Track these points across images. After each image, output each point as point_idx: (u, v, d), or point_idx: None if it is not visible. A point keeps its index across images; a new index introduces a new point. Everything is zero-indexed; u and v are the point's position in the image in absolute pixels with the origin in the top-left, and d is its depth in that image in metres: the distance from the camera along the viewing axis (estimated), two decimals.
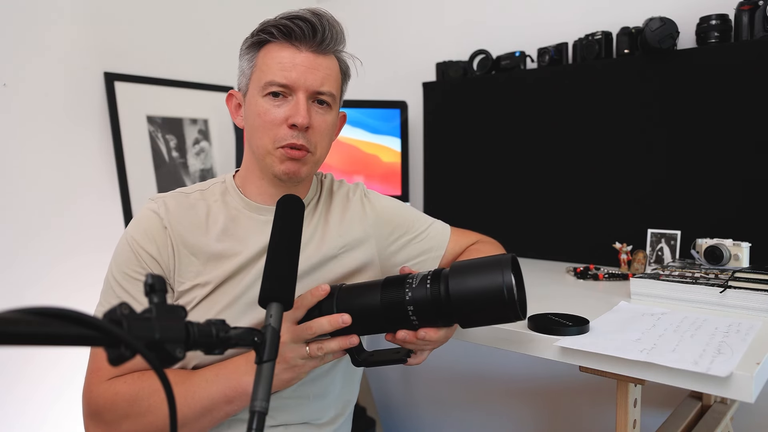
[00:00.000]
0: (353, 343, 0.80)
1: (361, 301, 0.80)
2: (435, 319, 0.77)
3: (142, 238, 0.91)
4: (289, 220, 0.77)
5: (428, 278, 0.77)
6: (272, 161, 0.92)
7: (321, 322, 0.78)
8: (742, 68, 1.38)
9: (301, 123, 0.89)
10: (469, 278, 0.74)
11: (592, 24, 1.71)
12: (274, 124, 0.90)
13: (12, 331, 0.38)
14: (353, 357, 0.85)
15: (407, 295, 0.77)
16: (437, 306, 0.76)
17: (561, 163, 1.70)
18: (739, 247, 1.29)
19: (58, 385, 1.61)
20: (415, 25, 2.18)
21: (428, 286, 0.76)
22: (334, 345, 0.80)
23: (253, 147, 0.94)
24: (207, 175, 1.97)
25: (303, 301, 0.81)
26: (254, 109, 0.92)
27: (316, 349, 0.80)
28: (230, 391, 0.82)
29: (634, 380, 0.90)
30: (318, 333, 0.78)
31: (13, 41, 1.51)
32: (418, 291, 0.76)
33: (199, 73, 1.98)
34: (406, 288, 0.77)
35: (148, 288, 0.52)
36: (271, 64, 0.90)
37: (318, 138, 0.93)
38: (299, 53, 0.90)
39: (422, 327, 0.79)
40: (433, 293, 0.76)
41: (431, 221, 1.12)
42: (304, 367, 0.81)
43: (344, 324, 0.78)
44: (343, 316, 0.78)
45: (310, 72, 0.90)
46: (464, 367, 2.10)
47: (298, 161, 0.92)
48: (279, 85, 0.90)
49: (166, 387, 0.48)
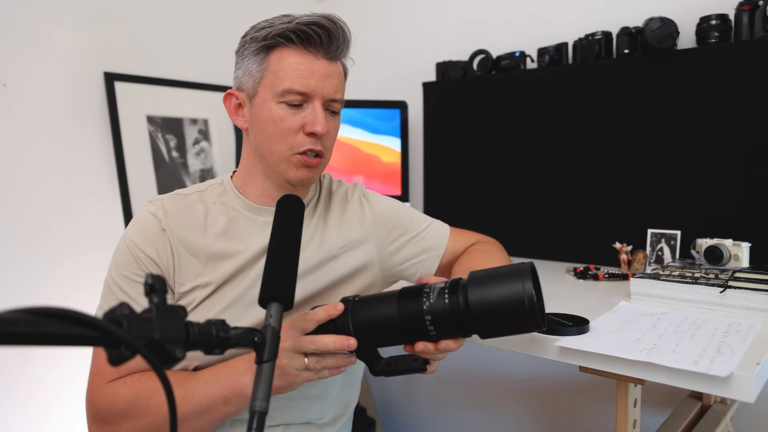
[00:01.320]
0: (351, 362, 0.79)
1: (376, 313, 0.78)
2: (454, 329, 0.76)
3: (140, 240, 0.91)
4: (289, 220, 0.77)
5: (446, 290, 0.75)
6: (287, 167, 0.92)
7: (326, 341, 0.77)
8: (742, 68, 1.38)
9: (321, 131, 0.89)
10: (488, 289, 0.73)
11: (592, 24, 1.71)
12: (291, 131, 0.90)
13: (12, 331, 0.38)
14: (371, 368, 0.83)
15: (425, 307, 0.75)
16: (457, 317, 0.74)
17: (561, 163, 1.70)
18: (739, 247, 1.29)
19: (58, 385, 1.61)
20: (416, 25, 2.18)
21: (446, 298, 0.74)
22: (332, 362, 0.78)
23: (264, 152, 0.93)
24: (207, 175, 1.97)
25: (316, 315, 0.78)
26: (268, 115, 0.91)
27: (314, 362, 0.78)
28: (228, 392, 0.82)
29: (634, 380, 0.90)
30: (320, 350, 0.77)
31: (13, 41, 1.52)
32: (437, 303, 0.75)
33: (199, 73, 1.98)
34: (423, 299, 0.76)
35: (148, 288, 0.51)
36: (288, 70, 0.89)
37: (329, 143, 0.95)
38: (317, 61, 0.90)
39: (440, 338, 0.77)
40: (452, 305, 0.74)
41: (430, 221, 1.12)
42: (298, 377, 0.79)
43: (349, 348, 0.77)
44: (350, 340, 0.76)
45: (327, 80, 0.91)
46: (464, 367, 2.10)
47: (313, 168, 0.93)
48: (298, 92, 0.89)
49: (165, 387, 0.48)
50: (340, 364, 0.79)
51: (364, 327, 0.78)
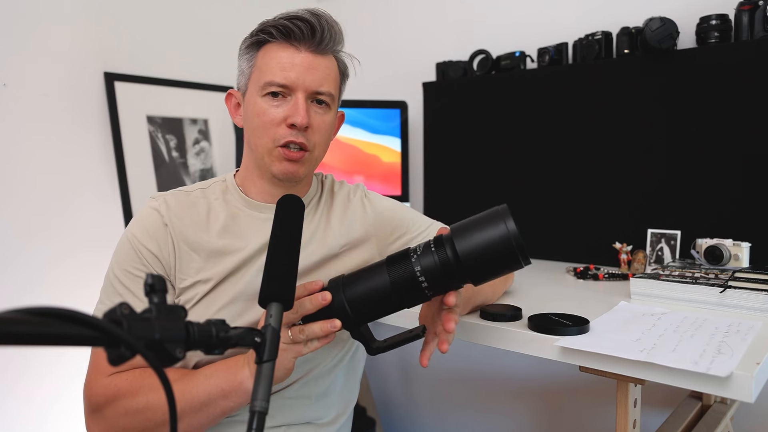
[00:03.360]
0: (335, 326, 0.77)
1: (368, 284, 0.78)
2: (447, 283, 0.77)
3: (143, 235, 0.91)
4: (289, 220, 0.77)
5: (431, 245, 0.77)
6: (270, 161, 0.92)
7: (302, 301, 0.77)
8: (742, 68, 1.38)
9: (300, 123, 0.89)
10: (474, 235, 0.75)
11: (592, 24, 1.71)
12: (273, 123, 0.91)
13: (12, 331, 0.38)
14: (368, 347, 0.83)
15: (416, 267, 0.76)
16: (448, 269, 0.75)
17: (561, 163, 1.70)
18: (739, 247, 1.29)
19: (58, 385, 1.61)
20: (415, 25, 2.18)
21: (434, 253, 0.76)
22: (315, 328, 0.77)
23: (252, 146, 0.95)
24: (207, 175, 1.97)
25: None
26: (253, 109, 0.92)
27: (297, 331, 0.78)
28: (226, 385, 0.82)
29: (634, 380, 0.90)
30: (301, 313, 0.77)
31: (13, 41, 1.51)
32: (425, 259, 0.76)
33: (199, 73, 1.98)
34: (412, 259, 0.77)
35: (148, 288, 0.52)
36: (271, 64, 0.91)
37: (317, 137, 0.94)
38: (298, 53, 0.91)
39: (435, 293, 0.78)
40: (441, 258, 0.75)
41: (430, 222, 1.13)
42: (287, 352, 0.79)
43: (324, 302, 0.77)
44: (324, 293, 0.77)
45: (309, 72, 0.91)
46: (464, 367, 2.10)
47: (296, 162, 0.92)
48: (278, 85, 0.90)
49: (166, 387, 0.48)
50: (324, 329, 0.77)
51: (358, 301, 0.78)
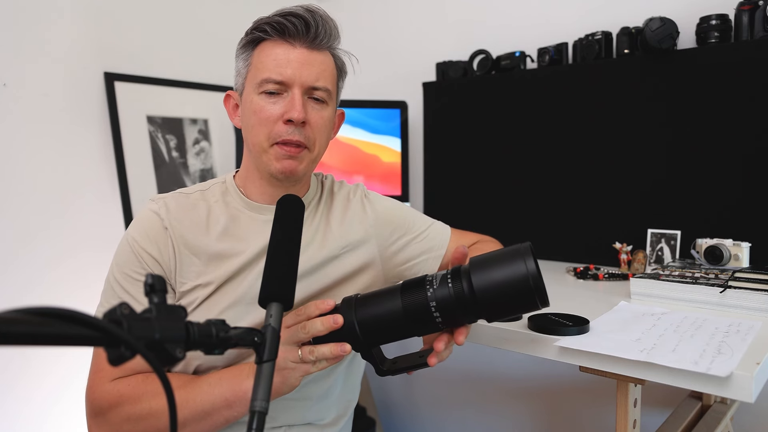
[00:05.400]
0: (345, 350, 0.78)
1: (381, 308, 0.78)
2: (459, 316, 0.76)
3: (142, 239, 0.91)
4: (289, 220, 0.77)
5: (448, 276, 0.76)
6: (268, 159, 0.91)
7: (314, 322, 0.77)
8: (742, 68, 1.38)
9: (297, 117, 0.89)
10: (491, 271, 0.73)
11: (592, 24, 1.71)
12: (270, 120, 0.90)
13: (12, 331, 0.38)
14: (377, 368, 0.83)
15: (430, 296, 0.75)
16: (462, 303, 0.74)
17: (561, 163, 1.70)
18: (739, 247, 1.29)
19: (58, 385, 1.61)
20: (415, 25, 2.18)
21: (450, 284, 0.75)
22: (326, 350, 0.78)
23: (249, 145, 0.94)
24: (207, 175, 1.96)
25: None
26: (250, 107, 0.92)
27: (307, 352, 0.78)
28: (230, 395, 0.82)
29: (634, 380, 0.90)
30: (312, 333, 0.77)
31: (13, 41, 1.52)
32: (441, 290, 0.75)
33: (199, 73, 1.98)
34: (427, 288, 0.76)
35: (148, 288, 0.51)
36: (266, 61, 0.90)
37: (315, 134, 0.93)
38: (293, 49, 0.90)
39: (446, 325, 0.77)
40: (456, 291, 0.74)
41: (431, 221, 1.12)
42: (295, 371, 0.79)
43: (336, 325, 0.77)
44: (336, 317, 0.77)
45: (305, 67, 0.90)
46: (464, 367, 2.10)
47: (295, 158, 0.91)
48: (274, 82, 0.89)
49: (165, 387, 0.48)
50: (333, 352, 0.77)
51: (369, 324, 0.78)
